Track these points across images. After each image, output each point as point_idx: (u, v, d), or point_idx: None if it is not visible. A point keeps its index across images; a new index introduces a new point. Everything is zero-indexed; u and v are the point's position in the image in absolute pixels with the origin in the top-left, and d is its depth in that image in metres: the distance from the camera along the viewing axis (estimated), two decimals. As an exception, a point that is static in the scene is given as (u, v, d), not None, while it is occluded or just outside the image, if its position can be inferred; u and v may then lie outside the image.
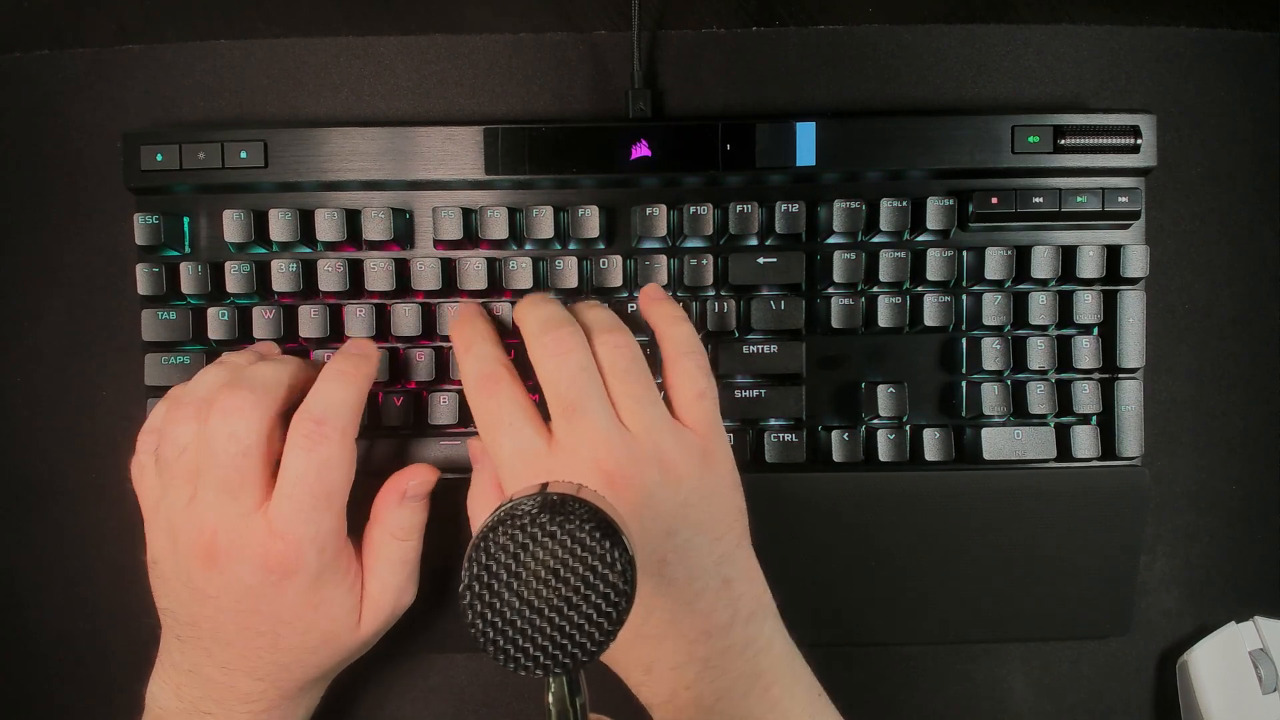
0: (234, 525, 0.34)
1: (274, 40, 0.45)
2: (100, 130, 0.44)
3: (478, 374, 0.36)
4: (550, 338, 0.35)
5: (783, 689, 0.34)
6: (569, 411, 0.34)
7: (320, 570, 0.35)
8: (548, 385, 0.35)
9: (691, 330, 0.38)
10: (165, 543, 0.35)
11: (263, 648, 0.35)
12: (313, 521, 0.34)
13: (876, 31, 0.45)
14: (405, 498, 0.38)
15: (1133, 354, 0.43)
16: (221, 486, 0.34)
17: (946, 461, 0.43)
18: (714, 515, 0.35)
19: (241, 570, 0.34)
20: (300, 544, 0.34)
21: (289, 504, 0.34)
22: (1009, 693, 0.46)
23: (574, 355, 0.35)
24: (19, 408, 0.45)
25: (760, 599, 0.36)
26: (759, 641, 0.35)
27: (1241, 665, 0.44)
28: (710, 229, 0.42)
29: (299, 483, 0.34)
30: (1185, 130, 0.46)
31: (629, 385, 0.35)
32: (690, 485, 0.35)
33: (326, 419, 0.35)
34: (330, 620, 0.36)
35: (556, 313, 0.37)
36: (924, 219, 0.42)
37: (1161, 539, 0.46)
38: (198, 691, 0.35)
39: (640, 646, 0.34)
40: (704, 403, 0.37)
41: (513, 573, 0.23)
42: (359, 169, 0.41)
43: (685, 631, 0.34)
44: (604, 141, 0.41)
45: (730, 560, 0.35)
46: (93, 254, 0.44)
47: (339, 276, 0.41)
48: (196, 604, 0.35)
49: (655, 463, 0.34)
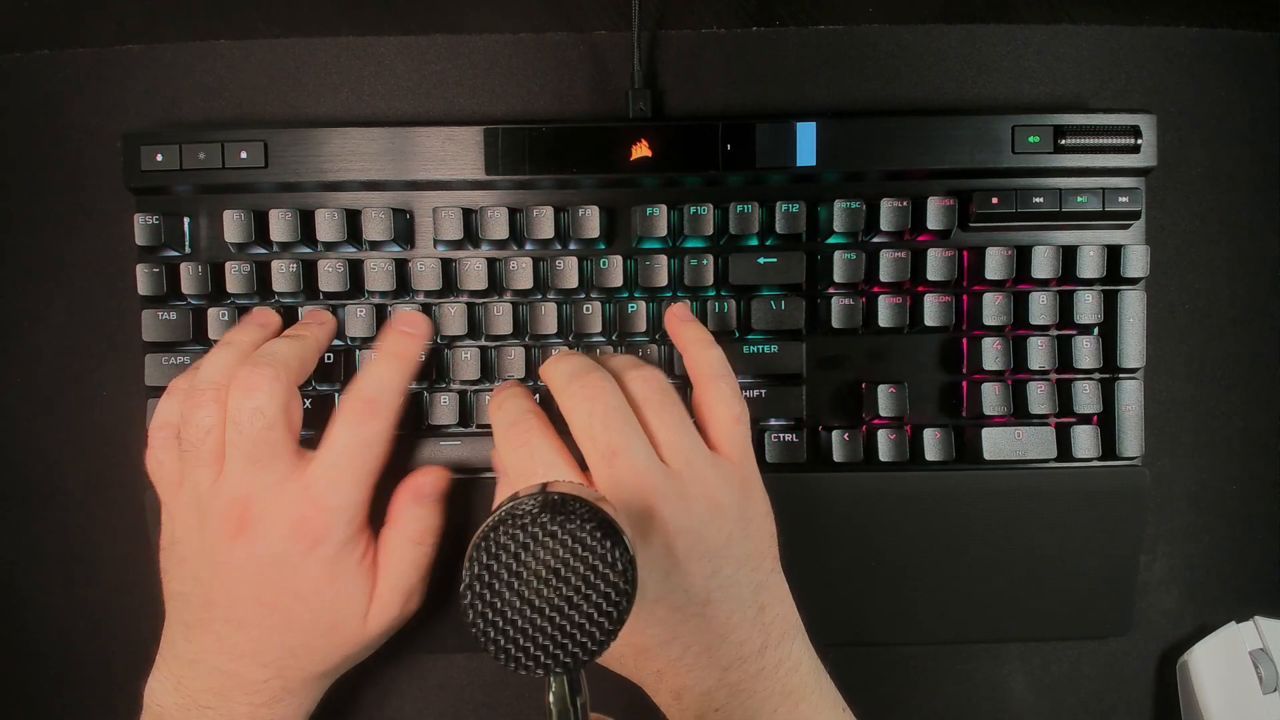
0: (268, 493, 0.35)
1: (274, 40, 0.45)
2: (100, 130, 0.44)
3: (506, 425, 0.36)
4: (579, 384, 0.35)
5: (810, 706, 0.35)
6: (609, 456, 0.33)
7: (344, 544, 0.36)
8: (583, 432, 0.34)
9: (722, 354, 0.38)
10: (190, 522, 0.36)
11: (275, 627, 0.35)
12: (348, 493, 0.36)
13: (876, 31, 0.45)
14: (420, 498, 0.39)
15: (1133, 354, 0.43)
16: (250, 460, 0.35)
17: (946, 461, 0.43)
18: (752, 546, 0.35)
19: (271, 538, 0.35)
20: (333, 513, 0.35)
21: (332, 473, 0.36)
22: (1009, 693, 0.46)
23: (606, 397, 0.34)
24: (19, 408, 0.45)
25: (790, 620, 0.36)
26: (789, 662, 0.35)
27: (1241, 665, 0.44)
28: (710, 229, 0.42)
29: (344, 453, 0.36)
30: (1185, 130, 0.46)
31: (664, 416, 0.35)
32: (732, 517, 0.35)
33: (377, 399, 0.37)
34: (343, 602, 0.36)
35: (582, 361, 0.36)
36: (924, 219, 0.42)
37: (1161, 539, 0.46)
38: (199, 684, 0.35)
39: (674, 677, 0.34)
40: (739, 427, 0.37)
41: (514, 572, 0.23)
42: (359, 169, 0.41)
43: (719, 660, 0.34)
44: (604, 141, 0.41)
45: (766, 587, 0.35)
46: (93, 254, 0.44)
47: (339, 276, 0.42)
48: (216, 580, 0.35)
49: (701, 499, 0.34)
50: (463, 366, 0.42)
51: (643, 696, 0.36)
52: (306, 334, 0.39)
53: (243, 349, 0.37)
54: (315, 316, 0.41)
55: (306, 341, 0.38)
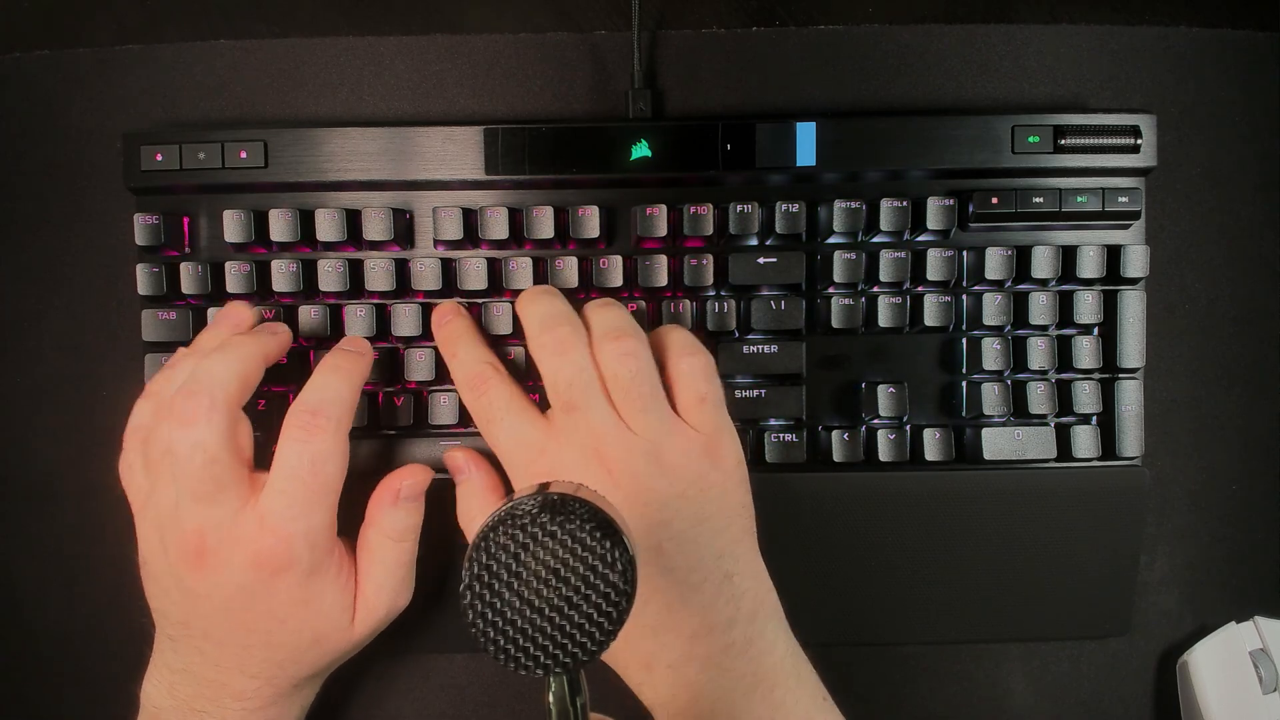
0: (221, 525, 0.33)
1: (274, 40, 0.45)
2: (100, 130, 0.44)
3: (466, 376, 0.38)
4: (550, 337, 0.36)
5: (786, 691, 0.34)
6: (568, 408, 0.36)
7: (312, 566, 0.34)
8: (548, 381, 0.36)
9: (687, 333, 0.38)
10: (155, 543, 0.35)
11: (255, 645, 0.35)
12: (305, 516, 0.34)
13: (876, 31, 0.45)
14: (399, 498, 0.38)
15: (1133, 354, 0.43)
16: (197, 497, 0.33)
17: (946, 461, 0.43)
18: (714, 509, 0.35)
19: (232, 570, 0.33)
20: (292, 539, 0.33)
21: (282, 499, 0.34)
22: (1009, 693, 0.46)
23: (572, 354, 0.36)
24: (19, 408, 0.45)
25: (763, 599, 0.36)
26: (761, 642, 0.35)
27: (1241, 665, 0.44)
28: (710, 229, 0.42)
29: (293, 476, 0.34)
30: (1185, 130, 0.46)
31: (631, 396, 0.35)
32: (688, 478, 0.35)
33: (321, 410, 0.35)
34: (322, 619, 0.36)
35: (557, 309, 0.37)
36: (924, 219, 0.42)
37: (1161, 539, 0.46)
38: (191, 690, 0.35)
39: (638, 639, 0.34)
40: (705, 406, 0.36)
41: (513, 572, 0.23)
42: (359, 169, 0.41)
43: (683, 624, 0.34)
44: (604, 141, 0.41)
45: (732, 556, 0.35)
46: (93, 254, 0.44)
47: (339, 276, 0.41)
48: (188, 604, 0.34)
49: (651, 456, 0.35)
50: (463, 366, 0.42)
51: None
52: (250, 343, 0.36)
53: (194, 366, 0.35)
54: (269, 327, 0.39)
55: (247, 352, 0.35)
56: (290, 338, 0.39)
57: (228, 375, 0.34)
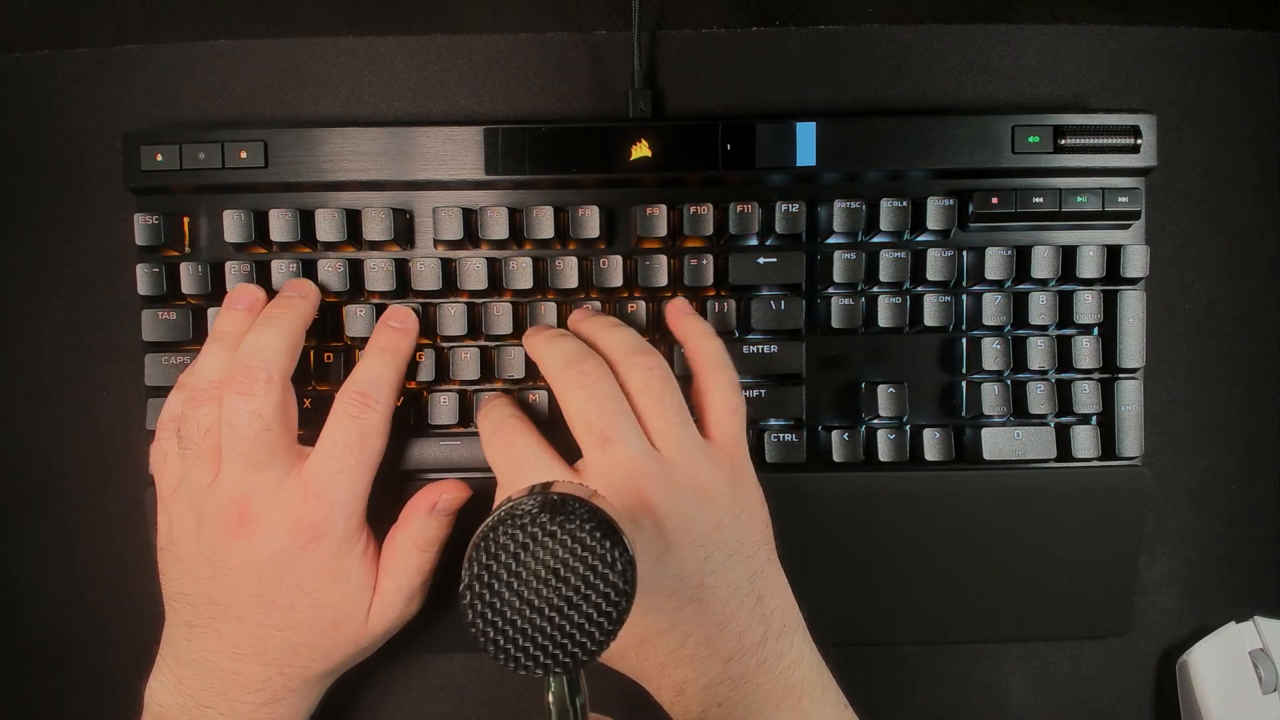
0: (267, 491, 0.35)
1: (274, 40, 0.45)
2: (100, 130, 0.44)
3: (490, 430, 0.38)
4: (575, 371, 0.36)
5: (812, 701, 0.35)
6: (602, 442, 0.35)
7: (344, 538, 0.36)
8: (577, 418, 0.35)
9: (722, 345, 0.39)
10: (188, 521, 0.36)
11: (276, 624, 0.35)
12: (347, 486, 0.36)
13: (876, 31, 0.45)
14: (435, 510, 0.39)
15: (1133, 354, 0.43)
16: (248, 462, 0.35)
17: (946, 461, 0.43)
18: (746, 533, 0.36)
19: (270, 535, 0.35)
20: (332, 506, 0.36)
21: (331, 464, 0.36)
22: (1009, 693, 0.46)
23: (600, 384, 0.35)
24: (19, 408, 0.45)
25: (790, 613, 0.36)
26: (790, 655, 0.35)
27: (1241, 665, 0.44)
28: (710, 229, 0.42)
29: (342, 445, 0.36)
30: (1185, 130, 0.46)
31: (660, 406, 0.36)
32: (723, 504, 0.35)
33: (370, 393, 0.37)
34: (344, 598, 0.36)
35: (576, 346, 0.37)
36: (924, 219, 0.42)
37: (1161, 539, 0.46)
38: (201, 683, 0.35)
39: (675, 669, 0.34)
40: (736, 418, 0.37)
41: (513, 572, 0.23)
42: (359, 169, 0.41)
43: (720, 651, 0.34)
44: (604, 141, 0.41)
45: (762, 576, 0.35)
46: (93, 254, 0.44)
47: (339, 276, 0.42)
48: (216, 580, 0.35)
49: (690, 487, 0.35)
50: (463, 366, 0.42)
51: (643, 697, 0.36)
52: (290, 313, 0.38)
53: (236, 341, 0.37)
54: (297, 288, 0.40)
55: (291, 324, 0.38)
56: (318, 293, 0.41)
57: (280, 348, 0.37)
